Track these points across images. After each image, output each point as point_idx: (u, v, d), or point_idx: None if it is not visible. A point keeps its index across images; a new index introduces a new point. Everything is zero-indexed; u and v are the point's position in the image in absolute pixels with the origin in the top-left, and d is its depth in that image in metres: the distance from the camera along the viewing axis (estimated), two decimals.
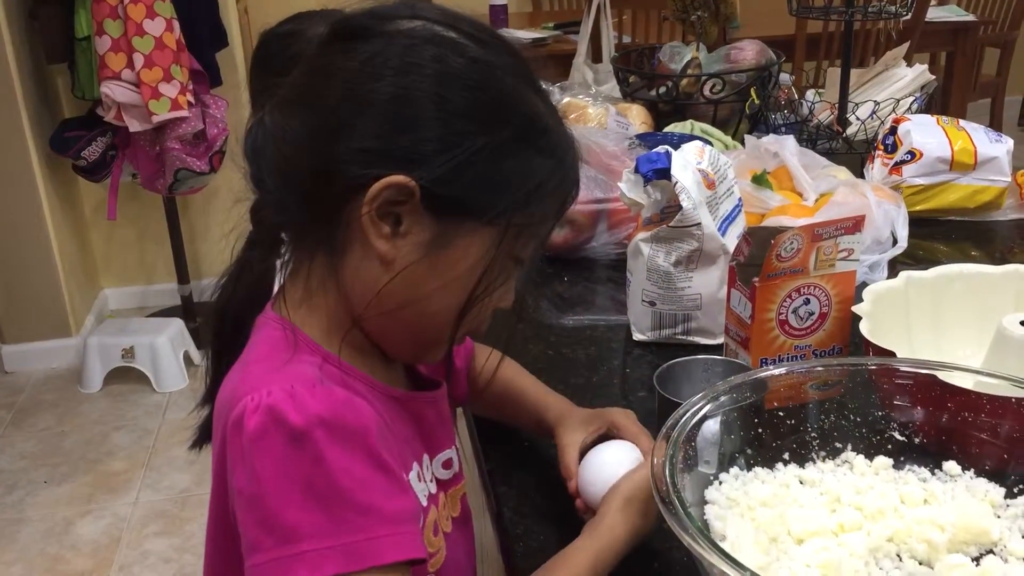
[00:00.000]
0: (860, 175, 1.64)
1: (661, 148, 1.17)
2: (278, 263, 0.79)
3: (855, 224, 1.01)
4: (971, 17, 4.10)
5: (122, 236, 3.70)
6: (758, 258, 1.04)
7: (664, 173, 1.15)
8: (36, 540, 2.56)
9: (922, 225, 1.54)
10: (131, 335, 3.27)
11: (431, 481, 0.83)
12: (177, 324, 3.35)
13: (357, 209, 0.70)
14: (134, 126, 2.96)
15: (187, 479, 2.79)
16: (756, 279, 1.02)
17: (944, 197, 1.58)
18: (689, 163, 1.16)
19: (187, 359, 3.33)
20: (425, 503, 0.80)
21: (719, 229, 1.18)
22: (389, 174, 0.68)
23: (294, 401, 0.66)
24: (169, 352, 3.24)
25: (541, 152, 0.73)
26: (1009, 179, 1.57)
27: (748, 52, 1.84)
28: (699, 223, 1.15)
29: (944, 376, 0.87)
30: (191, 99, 3.00)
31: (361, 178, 0.69)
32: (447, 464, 0.86)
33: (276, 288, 0.80)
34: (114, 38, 2.87)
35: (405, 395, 0.81)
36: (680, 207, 1.18)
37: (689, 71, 1.82)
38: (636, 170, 1.18)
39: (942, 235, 1.56)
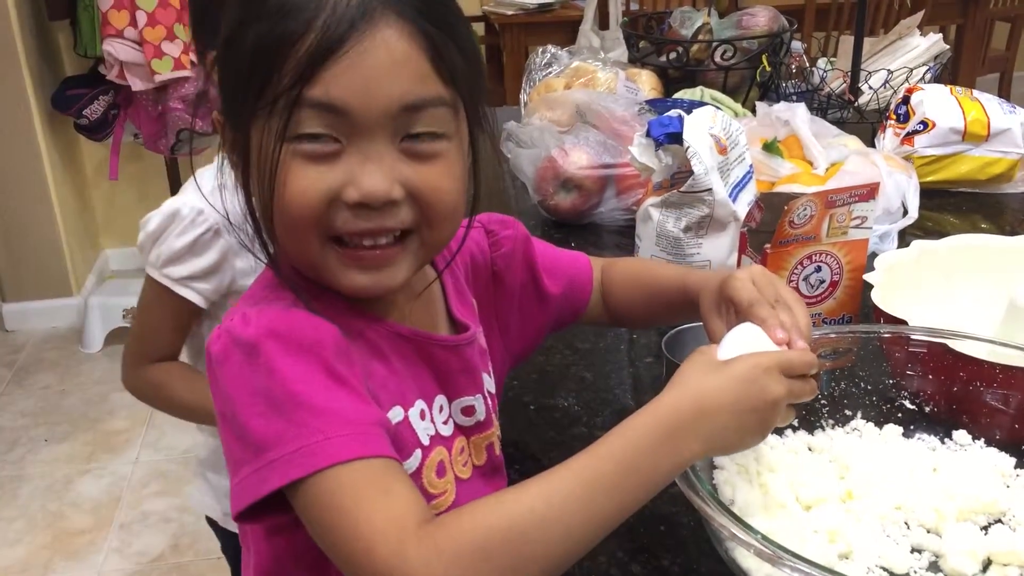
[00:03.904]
0: (871, 145, 1.63)
1: (674, 112, 1.16)
2: None
3: (869, 191, 1.00)
4: None
5: (124, 196, 3.68)
6: (770, 225, 1.03)
7: (676, 138, 1.14)
8: (36, 497, 2.57)
9: (932, 196, 1.53)
10: (132, 295, 3.23)
11: (445, 423, 0.82)
12: None
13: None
14: (136, 85, 2.94)
15: (188, 439, 2.79)
16: (768, 246, 1.01)
17: (955, 168, 1.56)
18: (701, 128, 1.14)
19: None
20: (427, 442, 0.79)
21: (730, 195, 1.17)
22: None
23: (245, 319, 0.69)
24: None
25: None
26: (1022, 151, 1.55)
27: (760, 18, 1.81)
28: (710, 188, 1.13)
29: (956, 345, 0.87)
30: (194, 58, 2.97)
31: None
32: (468, 411, 0.85)
33: None
34: None
35: (413, 333, 0.80)
36: (691, 172, 1.17)
37: (700, 37, 1.80)
38: (648, 134, 1.16)
39: (952, 207, 1.55)
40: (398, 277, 0.74)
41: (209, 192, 1.12)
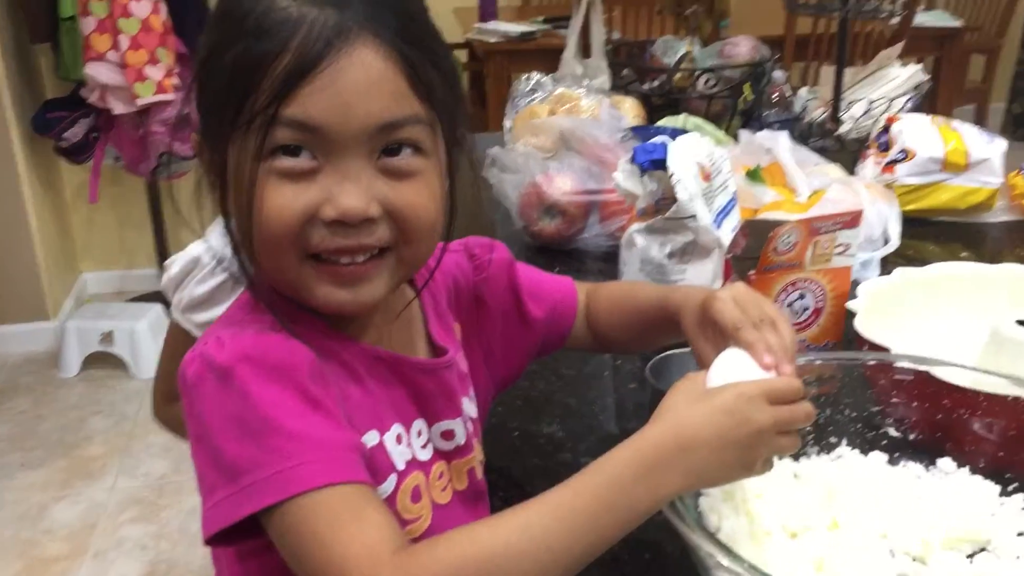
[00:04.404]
0: (852, 173, 1.64)
1: (658, 139, 1.16)
2: None
3: (853, 219, 1.01)
4: (958, 23, 4.11)
5: (103, 219, 3.66)
6: (755, 251, 1.03)
7: (661, 164, 1.14)
8: (10, 524, 2.53)
9: (913, 225, 1.53)
10: (110, 319, 3.24)
11: (423, 447, 0.82)
12: (157, 309, 3.31)
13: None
14: (118, 108, 2.93)
15: (165, 466, 2.76)
16: (752, 272, 1.01)
17: (936, 197, 1.57)
18: (686, 155, 1.14)
19: None
20: (402, 467, 0.78)
21: (714, 222, 1.17)
22: None
23: (219, 343, 0.69)
24: (148, 338, 3.21)
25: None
26: (1001, 180, 1.57)
27: (742, 48, 1.83)
28: (694, 215, 1.14)
29: (940, 373, 0.87)
30: (177, 82, 2.97)
31: None
32: (448, 435, 0.84)
33: None
34: (99, 18, 2.84)
35: (390, 356, 0.80)
36: (675, 199, 1.17)
37: (683, 65, 1.81)
38: (632, 160, 1.16)
39: (933, 235, 1.56)
40: (376, 293, 0.74)
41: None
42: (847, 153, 1.75)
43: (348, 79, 0.67)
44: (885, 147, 1.58)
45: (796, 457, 0.87)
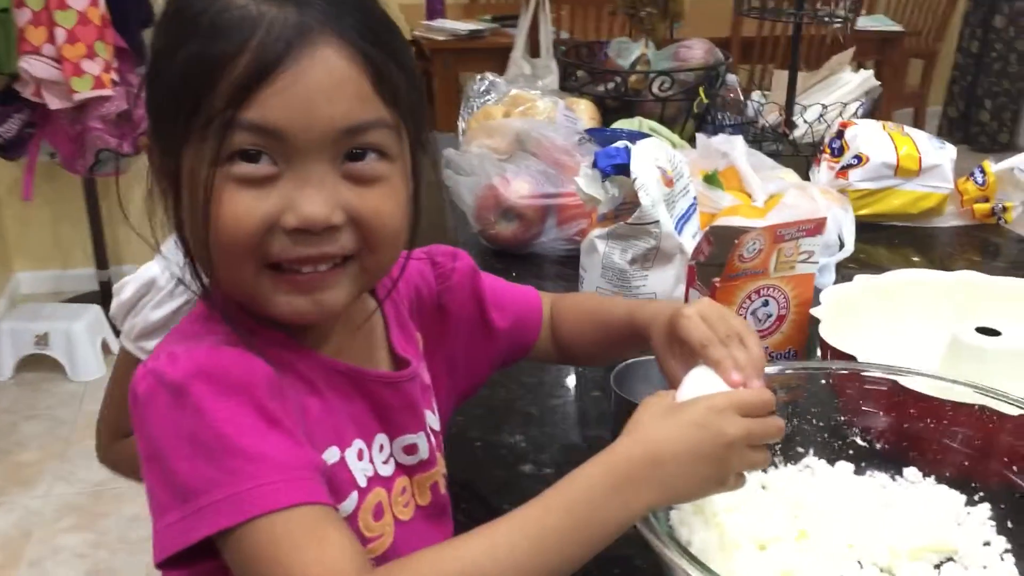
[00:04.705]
0: (806, 178, 1.65)
1: (620, 143, 1.15)
2: None
3: (816, 226, 1.00)
4: (899, 27, 4.18)
5: (38, 217, 3.55)
6: (718, 258, 1.02)
7: (623, 169, 1.13)
8: None
9: (866, 230, 1.55)
10: (45, 320, 3.15)
11: (385, 463, 0.79)
12: (95, 310, 3.23)
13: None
14: (54, 103, 2.84)
15: (103, 472, 2.62)
16: (717, 279, 1.00)
17: (888, 202, 1.59)
18: (649, 160, 1.14)
19: (105, 347, 3.21)
20: (364, 483, 0.76)
21: (675, 227, 1.17)
22: None
23: (172, 359, 0.66)
24: (85, 339, 3.12)
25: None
26: (952, 186, 1.59)
27: (697, 51, 1.83)
28: (657, 221, 1.13)
29: (905, 381, 0.87)
30: (115, 77, 2.89)
31: None
32: (410, 449, 0.82)
33: None
34: (35, 11, 2.75)
35: (352, 370, 0.77)
36: (636, 204, 1.16)
37: (638, 68, 1.81)
38: (595, 165, 1.15)
39: (885, 240, 1.57)
40: (338, 301, 0.71)
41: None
42: (801, 158, 1.76)
43: (310, 81, 0.64)
44: (839, 152, 1.59)
45: (763, 468, 0.86)
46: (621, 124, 1.75)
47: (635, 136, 1.66)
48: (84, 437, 2.83)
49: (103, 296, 3.43)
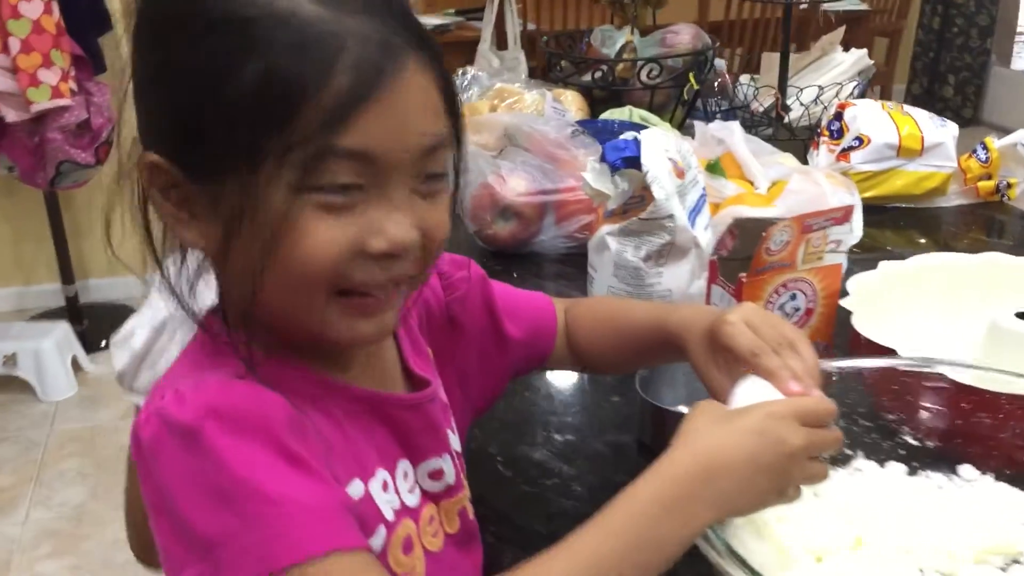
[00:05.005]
0: (804, 161, 1.60)
1: (628, 135, 1.09)
2: None
3: (845, 214, 0.96)
4: (864, 6, 4.17)
5: None
6: (741, 251, 0.98)
7: (633, 162, 1.08)
8: None
9: (869, 212, 1.50)
10: (12, 340, 3.04)
11: (411, 491, 0.74)
12: (63, 327, 3.12)
13: None
14: (10, 116, 2.74)
15: (82, 493, 2.59)
16: (743, 274, 0.95)
17: (891, 183, 1.55)
18: (659, 151, 1.08)
19: (75, 364, 3.11)
20: (391, 517, 0.70)
21: (688, 220, 1.12)
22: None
23: (179, 398, 0.60)
24: (55, 358, 3.02)
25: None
26: (955, 165, 1.56)
27: (684, 36, 1.78)
28: (672, 215, 1.08)
29: (956, 374, 0.83)
30: (74, 86, 2.79)
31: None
32: (436, 474, 0.77)
33: None
34: None
35: (371, 395, 0.72)
36: (643, 198, 1.11)
37: (625, 55, 1.75)
38: (602, 159, 1.10)
39: (889, 222, 1.54)
40: (394, 321, 0.67)
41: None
42: (797, 142, 1.72)
43: (405, 100, 0.60)
44: (838, 134, 1.55)
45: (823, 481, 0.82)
46: (611, 114, 1.69)
47: (625, 126, 1.61)
48: (59, 459, 2.74)
49: (70, 312, 3.33)
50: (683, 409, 0.98)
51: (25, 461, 2.75)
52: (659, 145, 1.09)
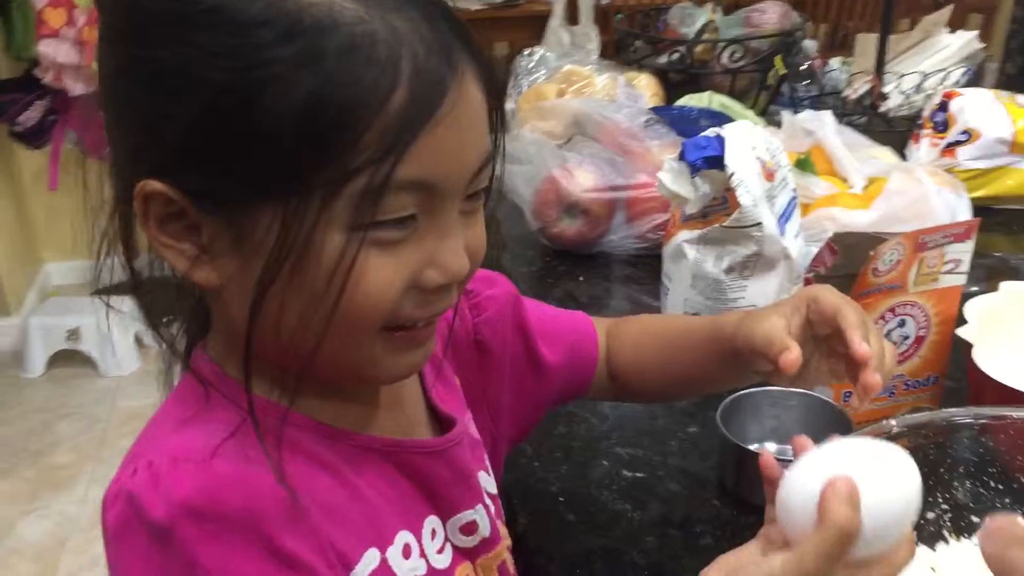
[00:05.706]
0: (902, 157, 1.46)
1: (712, 131, 0.98)
2: None
3: (967, 230, 0.83)
4: None
5: (65, 206, 3.42)
6: (842, 268, 0.86)
7: (716, 162, 0.96)
8: None
9: (976, 215, 1.36)
10: (77, 315, 3.05)
11: (440, 552, 0.64)
12: (127, 302, 3.10)
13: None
14: (75, 89, 2.74)
15: None
16: None
17: (1002, 183, 1.40)
18: (745, 149, 0.96)
19: (139, 340, 3.10)
20: None
21: (777, 227, 1.00)
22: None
23: (157, 485, 0.51)
24: (119, 332, 3.01)
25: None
26: None
27: (770, 15, 1.64)
28: (759, 223, 0.96)
29: None
30: None
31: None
32: (469, 528, 0.67)
33: None
34: None
35: (390, 445, 0.62)
36: (725, 200, 0.99)
37: (705, 36, 1.62)
38: (681, 157, 0.98)
39: (1000, 227, 1.39)
40: (431, 351, 0.61)
41: None
42: (895, 134, 1.57)
43: (464, 119, 0.51)
44: (943, 127, 1.40)
45: (932, 544, 0.70)
46: (689, 100, 1.57)
47: (706, 115, 1.49)
48: (120, 436, 2.73)
49: (135, 286, 3.32)
50: (770, 447, 0.88)
51: (86, 438, 2.74)
52: (746, 143, 0.97)
